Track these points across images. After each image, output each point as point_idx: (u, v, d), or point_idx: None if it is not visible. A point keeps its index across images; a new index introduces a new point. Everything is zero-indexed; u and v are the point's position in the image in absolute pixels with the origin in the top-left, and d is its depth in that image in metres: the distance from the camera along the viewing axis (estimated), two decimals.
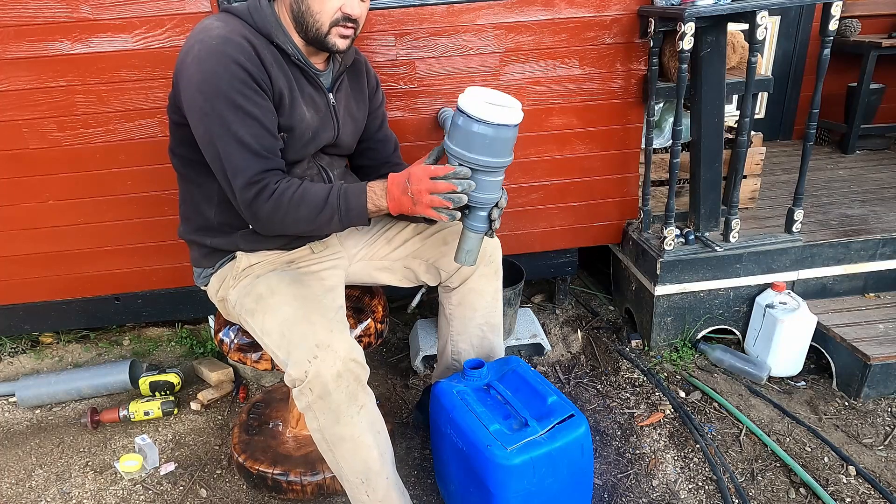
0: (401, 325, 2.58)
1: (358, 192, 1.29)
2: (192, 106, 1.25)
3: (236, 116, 1.23)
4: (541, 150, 2.19)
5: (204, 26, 1.27)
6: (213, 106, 1.22)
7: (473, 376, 1.52)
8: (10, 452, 1.97)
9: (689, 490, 1.68)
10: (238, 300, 1.42)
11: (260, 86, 1.25)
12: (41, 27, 1.80)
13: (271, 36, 1.30)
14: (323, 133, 1.43)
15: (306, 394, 1.26)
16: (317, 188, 1.29)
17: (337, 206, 1.28)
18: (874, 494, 1.63)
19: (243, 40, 1.24)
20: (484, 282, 1.63)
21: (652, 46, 1.99)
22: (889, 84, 3.16)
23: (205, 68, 1.21)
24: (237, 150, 1.24)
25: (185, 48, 1.26)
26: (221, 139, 1.24)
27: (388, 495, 1.42)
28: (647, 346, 2.28)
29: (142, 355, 2.45)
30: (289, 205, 1.27)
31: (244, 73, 1.22)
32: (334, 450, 1.34)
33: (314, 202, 1.28)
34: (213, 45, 1.22)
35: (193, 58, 1.22)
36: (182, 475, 1.84)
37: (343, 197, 1.29)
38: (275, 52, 1.31)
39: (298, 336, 1.28)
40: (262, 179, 1.26)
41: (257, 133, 1.25)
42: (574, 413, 1.38)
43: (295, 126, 1.35)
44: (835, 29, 1.79)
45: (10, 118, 1.91)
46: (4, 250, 2.11)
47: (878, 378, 1.92)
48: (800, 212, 2.10)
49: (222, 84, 1.21)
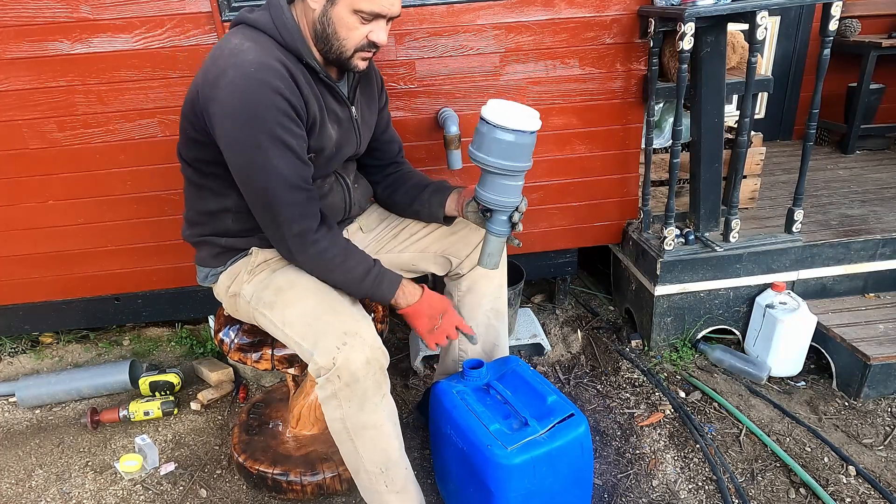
0: (401, 325, 2.58)
1: (390, 285, 1.39)
2: (229, 136, 1.21)
3: (277, 150, 1.21)
4: (541, 150, 2.19)
5: (235, 48, 1.22)
6: (254, 139, 1.19)
7: (473, 376, 1.52)
8: (10, 452, 1.97)
9: (689, 490, 1.68)
10: (255, 294, 1.41)
11: (298, 115, 1.24)
12: (41, 27, 1.80)
13: (301, 54, 1.27)
14: (346, 147, 1.44)
15: (333, 381, 1.25)
16: (357, 260, 1.36)
17: (368, 288, 1.38)
18: (874, 494, 1.63)
19: (280, 65, 1.21)
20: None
21: (652, 46, 1.99)
22: (889, 84, 3.16)
23: (245, 99, 1.17)
24: (282, 187, 1.24)
25: (215, 71, 1.20)
26: (263, 172, 1.23)
27: (406, 486, 1.43)
28: (647, 346, 2.28)
29: (142, 355, 2.45)
30: (328, 265, 1.34)
31: (285, 103, 1.20)
32: (356, 439, 1.34)
33: (351, 276, 1.36)
34: (250, 73, 1.18)
35: (229, 84, 1.18)
36: (182, 475, 1.84)
37: (376, 284, 1.37)
38: (305, 72, 1.29)
39: (325, 324, 1.29)
40: (312, 232, 1.31)
41: (295, 165, 1.25)
42: (574, 412, 1.38)
43: (324, 146, 1.35)
44: (835, 29, 1.79)
45: (10, 118, 1.91)
46: (4, 250, 2.11)
47: (878, 378, 1.92)
48: (800, 212, 2.10)
49: (264, 116, 1.18)
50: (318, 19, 1.26)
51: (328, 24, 1.26)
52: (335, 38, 1.27)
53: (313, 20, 1.27)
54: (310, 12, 1.27)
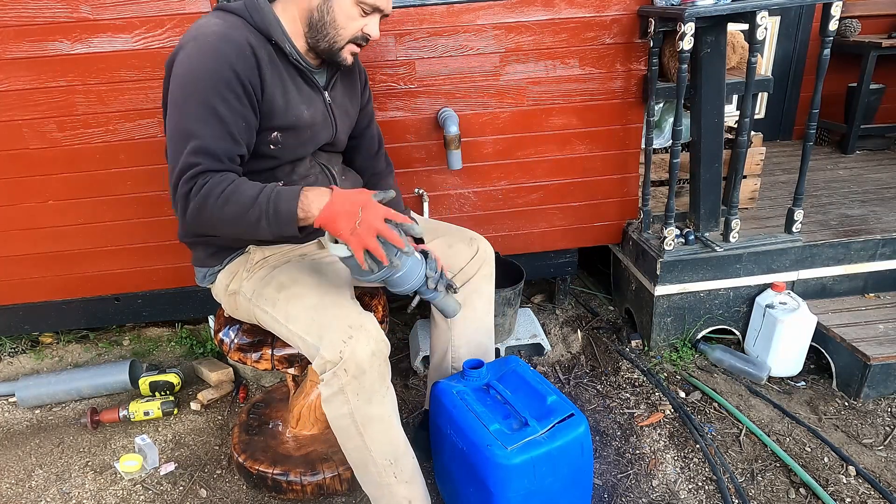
0: (401, 326, 2.58)
1: (290, 196, 1.17)
2: (171, 97, 1.23)
3: (203, 114, 1.20)
4: (541, 150, 2.19)
5: (200, 24, 1.26)
6: (185, 99, 1.20)
7: (473, 376, 1.52)
8: (10, 452, 1.97)
9: (689, 490, 1.68)
10: (255, 291, 1.41)
11: (244, 87, 1.23)
12: (41, 27, 1.80)
13: (270, 34, 1.29)
14: (322, 131, 1.44)
15: (340, 375, 1.25)
16: (249, 186, 1.20)
17: (265, 208, 1.17)
18: (874, 495, 1.63)
19: (242, 40, 1.23)
20: (484, 283, 1.67)
21: (652, 46, 1.99)
22: (889, 84, 3.16)
23: (192, 64, 1.20)
24: (190, 146, 1.19)
25: (179, 44, 1.24)
26: (179, 131, 1.21)
27: (413, 476, 1.43)
28: (647, 346, 2.28)
29: (142, 355, 2.45)
30: (215, 201, 1.17)
31: (231, 74, 1.20)
32: (364, 432, 1.33)
33: (242, 201, 1.17)
34: (208, 42, 1.21)
35: (185, 54, 1.21)
36: (182, 475, 1.84)
37: (274, 199, 1.17)
38: (271, 52, 1.30)
39: (331, 318, 1.29)
40: (200, 174, 1.19)
41: (218, 135, 1.21)
42: (574, 412, 1.38)
43: (294, 124, 1.35)
44: (835, 29, 1.79)
45: (10, 118, 1.91)
46: (4, 250, 2.11)
47: (878, 378, 1.92)
48: (800, 212, 2.10)
49: (203, 81, 1.19)
50: (317, 7, 1.29)
51: (327, 12, 1.28)
52: (332, 27, 1.29)
53: (310, 7, 1.30)
54: (305, 1, 1.30)
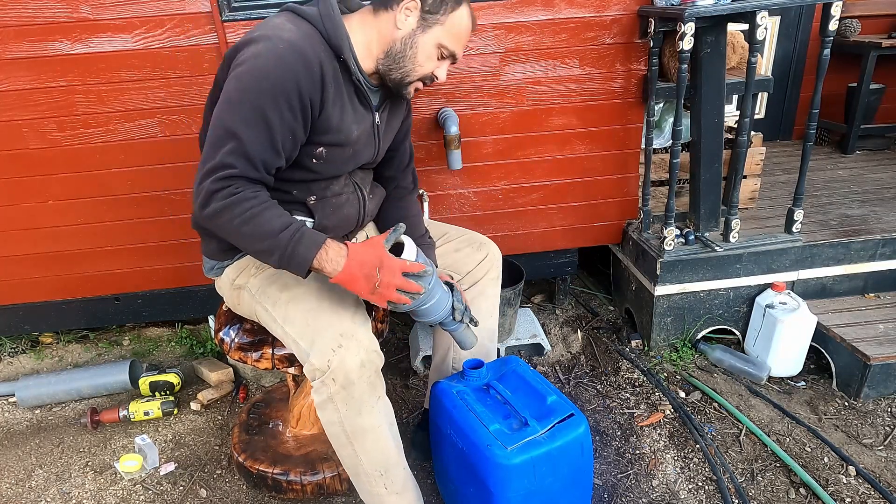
0: (400, 325, 2.58)
1: (310, 245, 1.19)
2: (227, 90, 1.20)
3: (253, 119, 1.18)
4: (541, 150, 2.19)
5: (275, 24, 1.22)
6: (240, 98, 1.17)
7: (473, 376, 1.52)
8: (10, 452, 1.97)
9: (689, 490, 1.68)
10: (261, 288, 1.41)
11: (303, 103, 1.21)
12: (41, 27, 1.81)
13: (340, 50, 1.26)
14: (365, 151, 1.43)
15: (329, 384, 1.25)
16: (276, 215, 1.20)
17: (285, 245, 1.19)
18: (874, 495, 1.63)
19: (313, 56, 1.20)
20: (491, 286, 1.67)
21: (652, 46, 1.99)
22: (889, 84, 3.16)
23: (257, 65, 1.17)
24: (231, 146, 1.18)
25: (249, 39, 1.21)
26: (225, 128, 1.18)
27: (405, 486, 1.43)
28: (647, 346, 2.28)
29: (142, 355, 2.45)
30: (239, 215, 1.18)
31: (294, 86, 1.18)
32: (354, 442, 1.33)
33: (264, 228, 1.19)
34: (278, 48, 1.17)
35: (253, 52, 1.18)
36: (182, 475, 1.84)
37: (295, 242, 1.19)
38: (337, 69, 1.27)
39: (324, 324, 1.28)
40: (233, 178, 1.18)
41: (261, 143, 1.19)
42: (574, 412, 1.38)
43: (342, 142, 1.34)
44: (835, 29, 1.79)
45: (10, 118, 1.91)
46: (4, 250, 2.11)
47: (878, 378, 1.92)
48: (800, 212, 2.10)
49: (263, 86, 1.16)
50: (400, 39, 1.30)
51: (409, 47, 1.30)
52: (411, 62, 1.32)
53: (393, 38, 1.30)
54: (389, 28, 1.30)
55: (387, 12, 1.30)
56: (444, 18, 1.30)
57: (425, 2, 1.28)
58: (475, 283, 1.65)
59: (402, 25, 1.29)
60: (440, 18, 1.30)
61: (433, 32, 1.30)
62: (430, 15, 1.29)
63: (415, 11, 1.29)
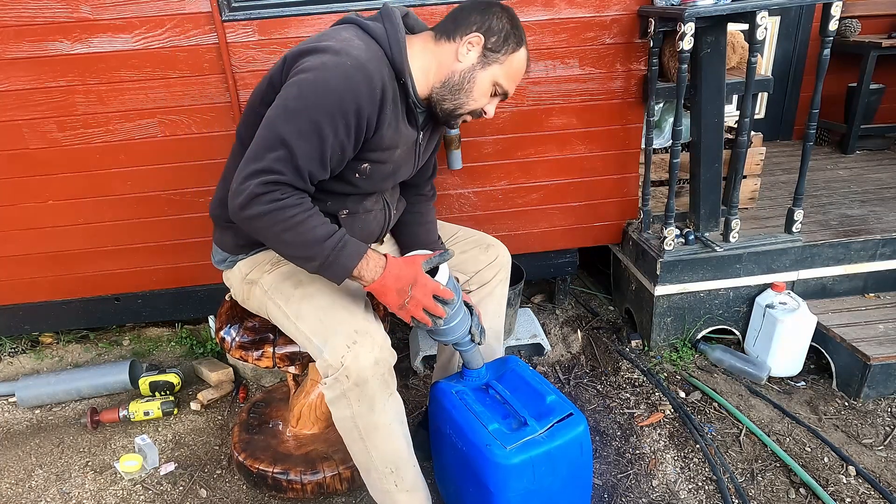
0: (400, 325, 2.58)
1: (353, 254, 1.22)
2: (285, 94, 1.19)
3: (308, 131, 1.16)
4: (541, 150, 2.19)
5: (344, 37, 1.22)
6: (297, 107, 1.16)
7: (472, 376, 1.52)
8: (10, 452, 1.97)
9: (689, 490, 1.68)
10: (274, 284, 1.41)
11: (359, 123, 1.20)
12: (41, 27, 1.81)
13: (402, 74, 1.27)
14: (404, 168, 1.44)
15: (342, 381, 1.25)
16: (319, 223, 1.21)
17: (328, 254, 1.20)
18: (874, 495, 1.63)
19: (378, 74, 1.20)
20: (499, 287, 1.68)
21: (652, 46, 1.99)
22: (889, 84, 3.16)
23: (321, 77, 1.16)
24: (280, 154, 1.16)
25: (315, 47, 1.20)
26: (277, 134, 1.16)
27: (415, 483, 1.43)
28: (647, 346, 2.28)
29: (142, 355, 2.45)
30: (284, 221, 1.17)
31: (354, 106, 1.17)
32: (366, 439, 1.34)
33: (308, 236, 1.19)
34: (345, 65, 1.16)
35: (318, 62, 1.17)
36: (182, 475, 1.84)
37: (338, 251, 1.21)
38: (396, 90, 1.28)
39: (338, 321, 1.29)
40: (279, 185, 1.17)
41: (311, 155, 1.18)
42: (573, 412, 1.38)
43: (386, 160, 1.34)
44: (835, 29, 1.79)
45: (10, 118, 1.91)
46: (4, 250, 2.11)
47: (878, 378, 1.92)
48: (800, 212, 2.10)
49: (323, 100, 1.15)
50: (460, 72, 1.31)
51: (467, 81, 1.31)
52: (466, 95, 1.33)
53: (454, 70, 1.31)
54: (450, 60, 1.31)
55: (449, 43, 1.31)
56: (504, 58, 1.32)
57: (489, 39, 1.30)
58: (483, 284, 1.66)
59: (462, 59, 1.31)
60: (500, 57, 1.32)
61: (492, 70, 1.32)
62: (492, 53, 1.31)
63: (477, 47, 1.30)
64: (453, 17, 1.33)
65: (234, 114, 1.97)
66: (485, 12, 1.31)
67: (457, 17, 1.33)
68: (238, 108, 1.96)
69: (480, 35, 1.29)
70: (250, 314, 1.59)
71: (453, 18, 1.33)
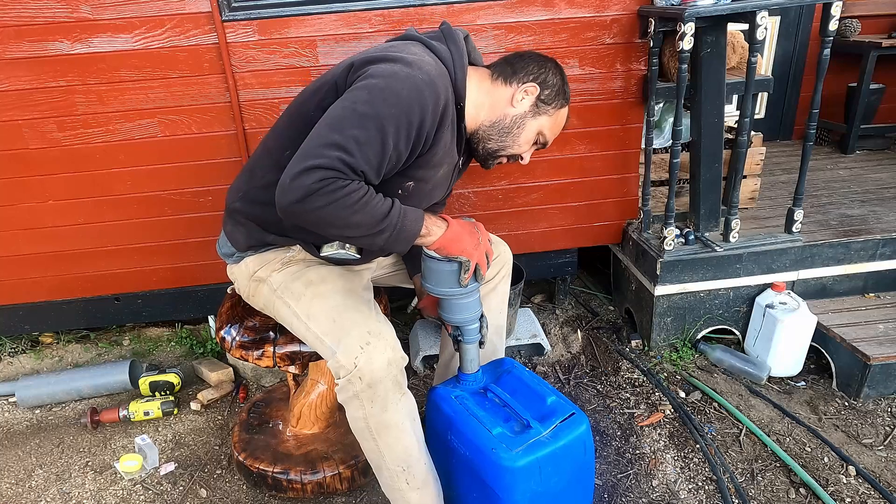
0: (400, 325, 2.58)
1: (415, 218, 1.24)
2: (354, 95, 1.17)
3: (372, 136, 1.14)
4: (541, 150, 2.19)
5: (415, 51, 1.24)
6: (366, 110, 1.14)
7: (469, 380, 1.51)
8: (10, 452, 1.97)
9: (689, 490, 1.68)
10: (284, 283, 1.41)
11: (419, 136, 1.20)
12: (41, 27, 1.80)
13: (462, 98, 1.31)
14: (438, 189, 1.44)
15: (355, 382, 1.26)
16: (380, 199, 1.19)
17: (395, 223, 1.21)
18: (874, 494, 1.63)
19: (445, 93, 1.22)
20: (501, 283, 1.70)
21: (652, 46, 1.99)
22: (889, 84, 3.16)
23: (395, 85, 1.16)
24: (341, 153, 1.12)
25: (384, 56, 1.20)
26: (341, 132, 1.13)
27: (426, 481, 1.43)
28: (647, 346, 2.28)
29: (142, 355, 2.45)
30: (350, 205, 1.14)
31: (419, 119, 1.18)
32: (378, 438, 1.35)
33: (375, 213, 1.18)
34: (416, 77, 1.17)
35: (391, 70, 1.17)
36: (182, 475, 1.84)
37: (402, 218, 1.22)
38: (453, 113, 1.30)
39: (351, 322, 1.30)
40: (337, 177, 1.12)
41: (369, 160, 1.15)
42: (575, 411, 1.38)
43: (429, 178, 1.35)
44: (835, 29, 1.79)
45: (10, 118, 1.91)
46: (4, 250, 2.11)
47: (878, 378, 1.92)
48: (800, 212, 2.10)
49: (394, 108, 1.15)
50: (512, 116, 1.37)
51: (517, 126, 1.38)
52: (512, 139, 1.39)
53: (506, 114, 1.36)
54: (503, 103, 1.37)
55: (505, 86, 1.36)
56: (553, 111, 1.40)
57: (543, 91, 1.37)
58: (487, 280, 1.67)
59: (517, 105, 1.36)
60: (550, 110, 1.39)
61: (540, 120, 1.39)
62: (543, 104, 1.38)
63: (531, 96, 1.36)
64: (511, 62, 1.38)
65: (234, 114, 1.97)
66: (542, 65, 1.37)
67: (514, 64, 1.38)
68: (238, 108, 1.96)
69: (537, 85, 1.35)
70: (251, 313, 1.59)
71: (511, 64, 1.38)
